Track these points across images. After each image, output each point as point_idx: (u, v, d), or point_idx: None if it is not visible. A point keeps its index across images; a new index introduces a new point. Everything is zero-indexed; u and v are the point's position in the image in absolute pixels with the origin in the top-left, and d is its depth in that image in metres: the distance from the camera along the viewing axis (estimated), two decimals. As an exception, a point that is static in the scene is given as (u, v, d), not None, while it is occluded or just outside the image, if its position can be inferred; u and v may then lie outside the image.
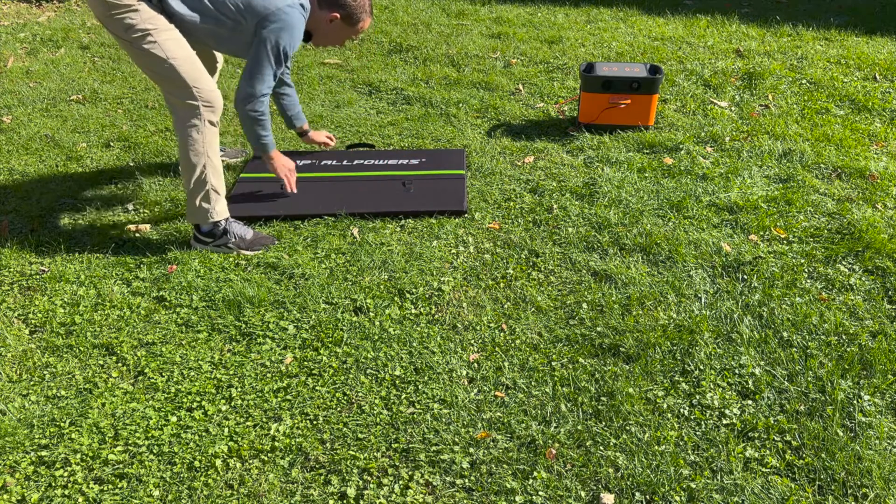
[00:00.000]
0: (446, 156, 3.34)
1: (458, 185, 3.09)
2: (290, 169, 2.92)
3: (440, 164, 3.26)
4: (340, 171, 3.21)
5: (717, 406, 2.01)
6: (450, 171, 3.20)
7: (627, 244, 2.72)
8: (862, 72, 4.39)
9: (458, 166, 3.24)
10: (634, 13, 5.77)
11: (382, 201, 2.99)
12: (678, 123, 3.73)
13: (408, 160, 3.28)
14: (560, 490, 1.77)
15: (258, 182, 3.13)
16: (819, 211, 2.93)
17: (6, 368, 2.17)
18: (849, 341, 2.23)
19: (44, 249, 2.73)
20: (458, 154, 3.36)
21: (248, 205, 2.96)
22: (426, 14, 5.76)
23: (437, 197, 3.01)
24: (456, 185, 3.08)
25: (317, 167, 3.23)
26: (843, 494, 1.75)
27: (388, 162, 3.27)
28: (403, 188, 3.06)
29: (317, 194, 3.03)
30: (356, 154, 3.34)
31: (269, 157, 2.84)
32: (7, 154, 3.47)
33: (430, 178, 3.15)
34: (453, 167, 3.23)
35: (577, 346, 2.23)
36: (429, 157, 3.33)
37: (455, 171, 3.21)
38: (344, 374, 2.13)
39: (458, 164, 3.27)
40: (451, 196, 3.01)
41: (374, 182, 3.13)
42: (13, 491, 1.78)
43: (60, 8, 6.03)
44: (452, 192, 3.04)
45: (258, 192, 3.05)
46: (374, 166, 3.24)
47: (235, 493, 1.77)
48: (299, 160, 3.19)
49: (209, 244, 2.70)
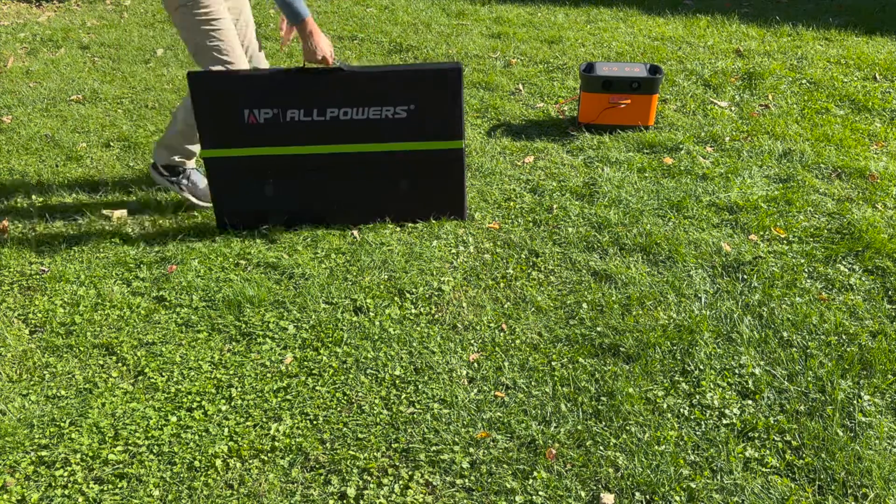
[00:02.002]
0: (439, 104, 2.70)
1: (457, 179, 2.82)
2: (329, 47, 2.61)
3: (433, 124, 2.72)
4: (312, 133, 2.70)
5: (717, 406, 2.01)
6: (446, 146, 2.76)
7: (627, 244, 2.72)
8: (862, 72, 4.39)
9: (456, 132, 2.73)
10: (634, 13, 5.77)
11: (379, 204, 2.85)
12: (678, 123, 3.73)
13: (393, 109, 2.68)
14: (560, 490, 1.77)
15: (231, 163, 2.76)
16: (819, 211, 2.93)
17: (6, 368, 2.17)
18: (849, 341, 2.23)
19: (44, 249, 2.73)
20: (454, 97, 2.69)
21: (235, 212, 2.82)
22: (426, 14, 5.76)
23: (435, 198, 2.86)
24: (455, 183, 2.83)
25: (281, 121, 2.67)
26: (843, 494, 1.75)
27: (370, 115, 2.68)
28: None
29: (300, 191, 2.81)
30: (325, 98, 2.66)
31: (305, 26, 2.51)
32: (7, 154, 3.47)
33: (423, 158, 2.76)
34: (450, 133, 2.74)
35: (577, 346, 2.23)
36: (417, 102, 2.68)
37: (452, 142, 2.75)
38: (344, 374, 2.13)
39: (454, 124, 2.72)
40: (451, 198, 2.87)
41: (357, 168, 2.76)
42: (13, 491, 1.78)
43: (60, 8, 6.03)
44: (452, 192, 2.85)
45: (238, 185, 2.78)
46: (352, 125, 2.70)
47: (235, 493, 1.78)
48: (262, 110, 2.66)
49: (165, 177, 2.91)
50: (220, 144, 2.71)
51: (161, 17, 5.71)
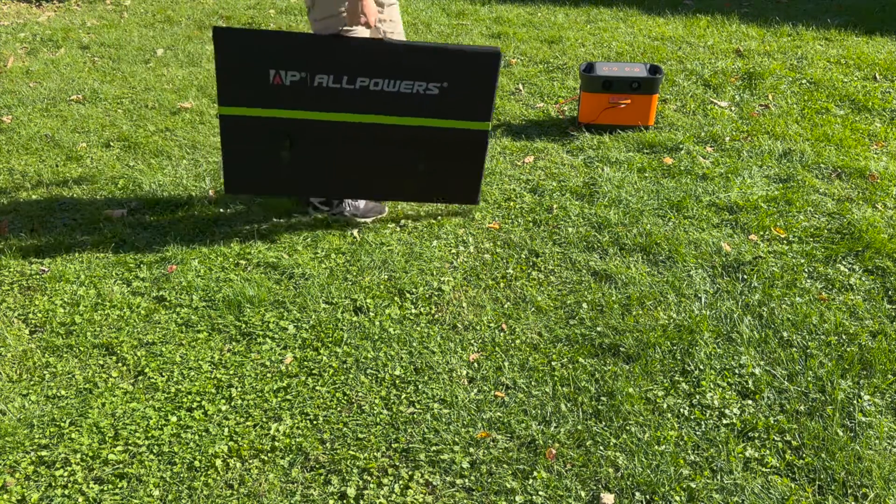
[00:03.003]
0: (472, 85, 2.66)
1: (477, 162, 2.79)
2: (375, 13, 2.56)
3: (464, 105, 2.68)
4: (339, 100, 2.63)
5: (717, 406, 2.01)
6: (472, 126, 2.72)
7: (627, 244, 2.72)
8: (862, 72, 4.39)
9: (485, 113, 2.71)
10: (634, 13, 5.77)
11: (392, 183, 2.82)
12: (678, 123, 3.73)
13: (425, 85, 2.62)
14: (560, 490, 1.77)
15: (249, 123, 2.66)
16: (819, 211, 2.93)
17: (6, 368, 2.17)
18: (849, 341, 2.23)
19: (44, 249, 2.73)
20: (489, 80, 2.66)
21: (245, 178, 2.77)
22: (426, 14, 5.76)
23: (449, 183, 2.84)
24: (474, 166, 2.80)
25: (308, 84, 2.59)
26: (843, 494, 1.75)
27: (401, 88, 2.62)
28: None
29: (316, 160, 2.74)
30: (357, 66, 2.59)
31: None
32: (7, 154, 3.47)
33: (446, 137, 2.72)
34: (479, 114, 2.71)
35: (577, 345, 2.23)
36: (451, 80, 2.63)
37: (478, 123, 2.72)
38: (344, 374, 2.13)
39: (484, 106, 2.69)
40: (466, 182, 2.84)
41: (378, 141, 2.71)
42: (13, 491, 1.78)
43: (60, 8, 6.03)
44: (469, 175, 2.82)
45: (252, 148, 2.69)
46: (382, 96, 2.63)
47: (235, 493, 1.78)
48: (290, 71, 2.57)
49: (327, 210, 2.90)
50: (240, 102, 2.61)
51: (161, 16, 5.71)
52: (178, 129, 3.73)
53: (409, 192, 2.89)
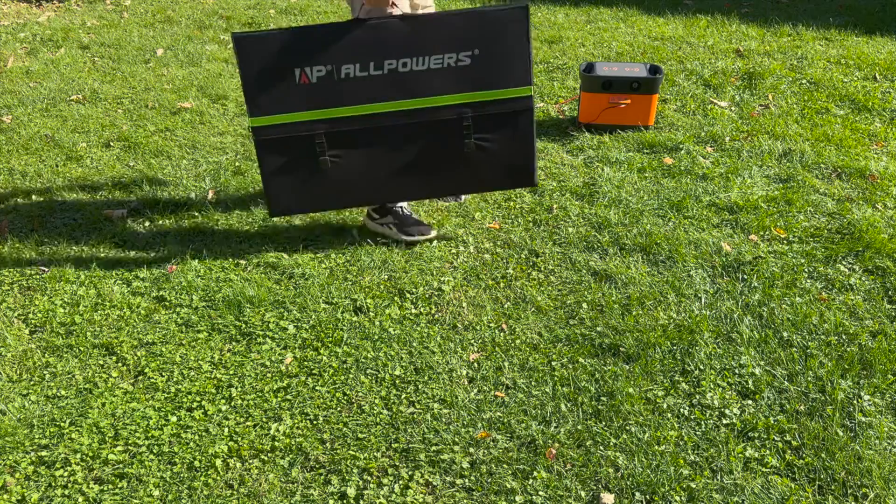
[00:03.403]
0: (505, 47, 2.50)
1: (526, 135, 2.60)
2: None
3: (499, 70, 2.52)
4: (370, 89, 2.48)
5: (717, 406, 2.01)
6: (513, 93, 2.55)
7: (627, 244, 2.72)
8: (862, 72, 4.39)
9: (523, 77, 2.54)
10: (634, 13, 5.77)
11: (442, 177, 2.63)
12: (678, 123, 3.73)
13: (455, 56, 2.47)
14: (560, 490, 1.77)
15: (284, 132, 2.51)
16: (819, 211, 2.93)
17: (6, 368, 2.17)
18: (849, 341, 2.23)
19: (44, 249, 2.74)
20: (521, 38, 2.50)
21: (289, 195, 2.59)
22: (426, 14, 5.75)
23: (501, 166, 2.63)
24: (523, 141, 2.61)
25: (335, 78, 2.45)
26: (843, 494, 1.75)
27: (431, 64, 2.48)
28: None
29: (358, 160, 2.56)
30: (381, 49, 2.46)
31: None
32: (7, 154, 3.47)
33: (489, 112, 2.54)
34: (517, 78, 2.54)
35: (577, 345, 2.23)
36: (481, 46, 2.48)
37: (519, 89, 2.55)
38: (344, 374, 2.13)
39: (521, 68, 2.53)
40: (519, 161, 2.63)
41: (423, 134, 2.55)
42: (13, 491, 1.78)
43: (60, 8, 6.03)
44: (520, 152, 2.62)
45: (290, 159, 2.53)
46: (413, 77, 2.48)
47: (235, 493, 1.78)
48: (315, 67, 2.44)
49: (375, 220, 2.80)
50: (271, 110, 2.46)
51: (161, 17, 5.71)
52: (178, 129, 3.73)
53: (461, 183, 2.69)
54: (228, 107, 3.97)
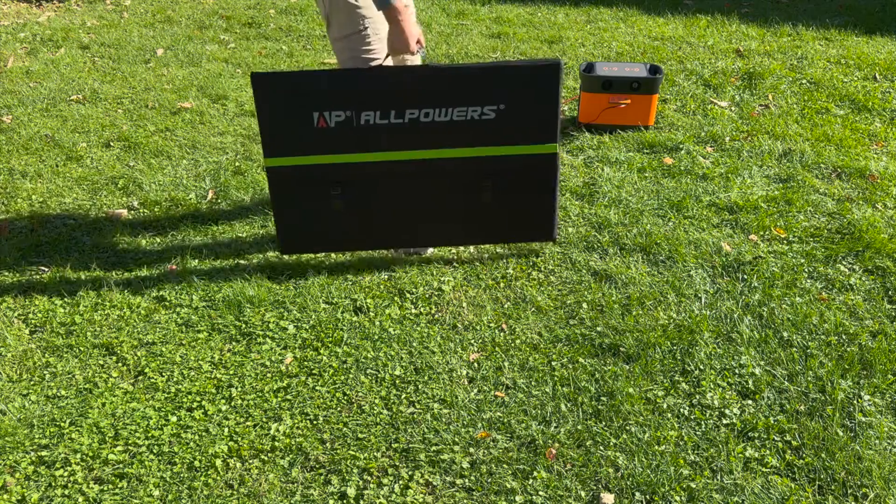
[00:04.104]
0: (532, 104, 2.41)
1: (548, 191, 2.52)
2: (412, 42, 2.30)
3: (525, 126, 2.43)
4: (389, 138, 2.40)
5: (717, 406, 2.01)
6: (537, 150, 2.45)
7: (627, 244, 2.72)
8: (862, 72, 4.39)
9: (550, 134, 2.44)
10: (634, 13, 5.77)
11: (458, 227, 2.58)
12: (678, 123, 3.73)
13: (480, 109, 2.38)
14: (560, 490, 1.77)
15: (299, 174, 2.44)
16: (819, 211, 2.93)
17: (6, 368, 2.17)
18: (849, 341, 2.23)
19: (44, 249, 2.73)
20: (550, 95, 2.40)
21: (301, 235, 2.56)
22: (426, 14, 5.76)
23: (520, 219, 2.57)
24: (545, 196, 2.53)
25: (354, 124, 2.37)
26: (843, 494, 1.75)
27: (454, 116, 2.37)
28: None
29: (372, 206, 2.51)
30: (404, 98, 2.37)
31: (390, 12, 2.20)
32: (7, 154, 3.47)
33: (510, 166, 2.45)
34: (543, 135, 2.44)
35: (577, 345, 2.23)
36: (508, 101, 2.38)
37: (545, 146, 2.45)
38: (344, 374, 2.13)
39: (548, 125, 2.43)
40: (539, 216, 2.57)
41: (437, 179, 2.48)
42: (13, 491, 1.78)
43: (60, 8, 6.03)
44: (541, 207, 2.55)
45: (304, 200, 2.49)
46: (434, 127, 2.38)
47: (235, 493, 1.78)
48: (334, 112, 2.36)
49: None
50: (286, 152, 2.40)
51: (161, 17, 5.71)
52: (178, 129, 3.73)
53: (478, 234, 2.62)
54: (228, 107, 3.97)
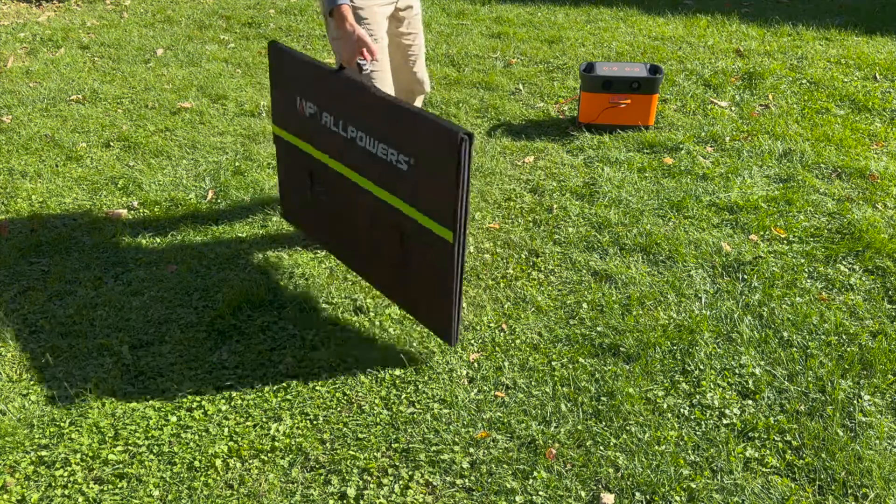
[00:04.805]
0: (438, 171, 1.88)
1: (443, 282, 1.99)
2: (363, 40, 2.16)
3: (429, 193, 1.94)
4: (338, 148, 2.22)
5: (717, 406, 2.01)
6: (437, 230, 1.94)
7: (627, 244, 2.72)
8: (862, 72, 4.39)
9: (446, 216, 1.89)
10: (634, 13, 5.77)
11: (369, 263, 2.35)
12: (678, 123, 3.73)
13: (396, 155, 1.99)
14: (560, 490, 1.77)
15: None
16: (819, 211, 2.93)
17: (6, 368, 2.17)
18: (849, 341, 2.23)
19: (44, 249, 2.73)
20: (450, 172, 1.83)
21: (291, 205, 2.58)
22: (426, 14, 5.76)
23: (416, 296, 2.17)
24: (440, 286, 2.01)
25: (319, 121, 2.25)
26: (843, 494, 1.75)
27: (378, 150, 2.05)
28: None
29: (324, 211, 2.43)
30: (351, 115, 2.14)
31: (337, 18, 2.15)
32: (7, 154, 3.47)
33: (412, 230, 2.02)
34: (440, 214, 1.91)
35: (577, 346, 2.23)
36: (418, 157, 1.94)
37: (440, 227, 1.92)
38: (344, 374, 2.13)
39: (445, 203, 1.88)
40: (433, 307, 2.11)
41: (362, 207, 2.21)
42: (13, 491, 1.78)
43: (60, 8, 6.03)
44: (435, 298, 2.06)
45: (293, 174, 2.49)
46: (364, 154, 2.11)
47: (235, 493, 1.78)
48: (308, 102, 2.27)
49: None
50: (283, 125, 2.45)
51: (161, 16, 5.71)
52: (177, 129, 3.73)
53: (382, 281, 2.33)
54: (228, 107, 3.98)
